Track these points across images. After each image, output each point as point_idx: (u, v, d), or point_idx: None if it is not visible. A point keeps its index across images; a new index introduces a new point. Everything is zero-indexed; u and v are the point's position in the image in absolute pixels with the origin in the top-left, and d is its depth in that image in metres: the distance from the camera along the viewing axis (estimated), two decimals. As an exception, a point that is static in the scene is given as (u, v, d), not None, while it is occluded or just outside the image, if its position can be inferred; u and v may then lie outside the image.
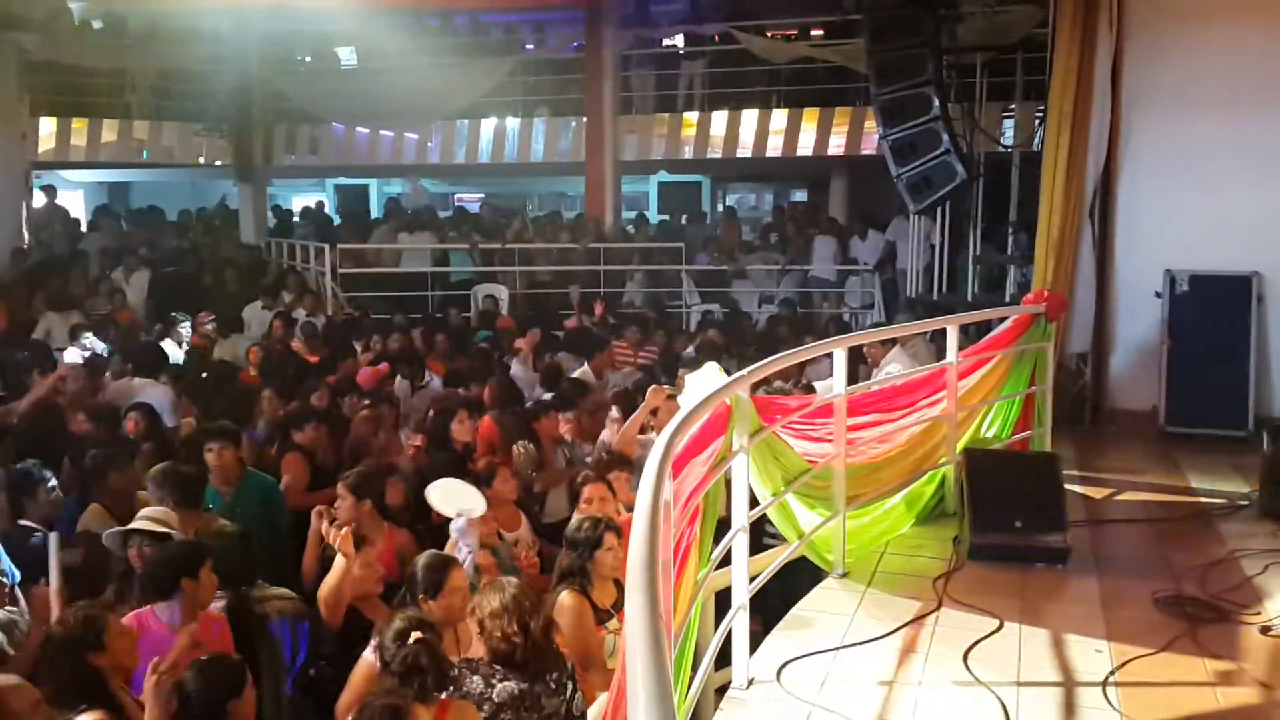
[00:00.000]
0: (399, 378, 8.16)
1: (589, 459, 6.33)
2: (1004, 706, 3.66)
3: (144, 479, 5.22)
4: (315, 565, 4.89)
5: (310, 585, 4.72)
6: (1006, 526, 5.20)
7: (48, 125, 16.61)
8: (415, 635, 3.40)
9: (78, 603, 3.84)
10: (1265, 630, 4.28)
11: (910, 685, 3.87)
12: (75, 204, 19.61)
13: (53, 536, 4.14)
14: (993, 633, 4.29)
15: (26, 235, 15.23)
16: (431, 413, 6.89)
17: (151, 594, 3.99)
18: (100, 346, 9.50)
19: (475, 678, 3.57)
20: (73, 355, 9.11)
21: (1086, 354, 8.59)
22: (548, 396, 7.47)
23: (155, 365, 8.16)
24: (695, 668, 3.50)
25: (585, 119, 16.34)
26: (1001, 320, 6.80)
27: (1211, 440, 7.76)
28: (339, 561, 4.35)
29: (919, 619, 4.45)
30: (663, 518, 2.38)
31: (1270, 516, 5.85)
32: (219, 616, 4.12)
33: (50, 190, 16.19)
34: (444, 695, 3.40)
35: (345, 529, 4.42)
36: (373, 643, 3.68)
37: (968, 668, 3.98)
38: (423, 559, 4.18)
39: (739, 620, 3.78)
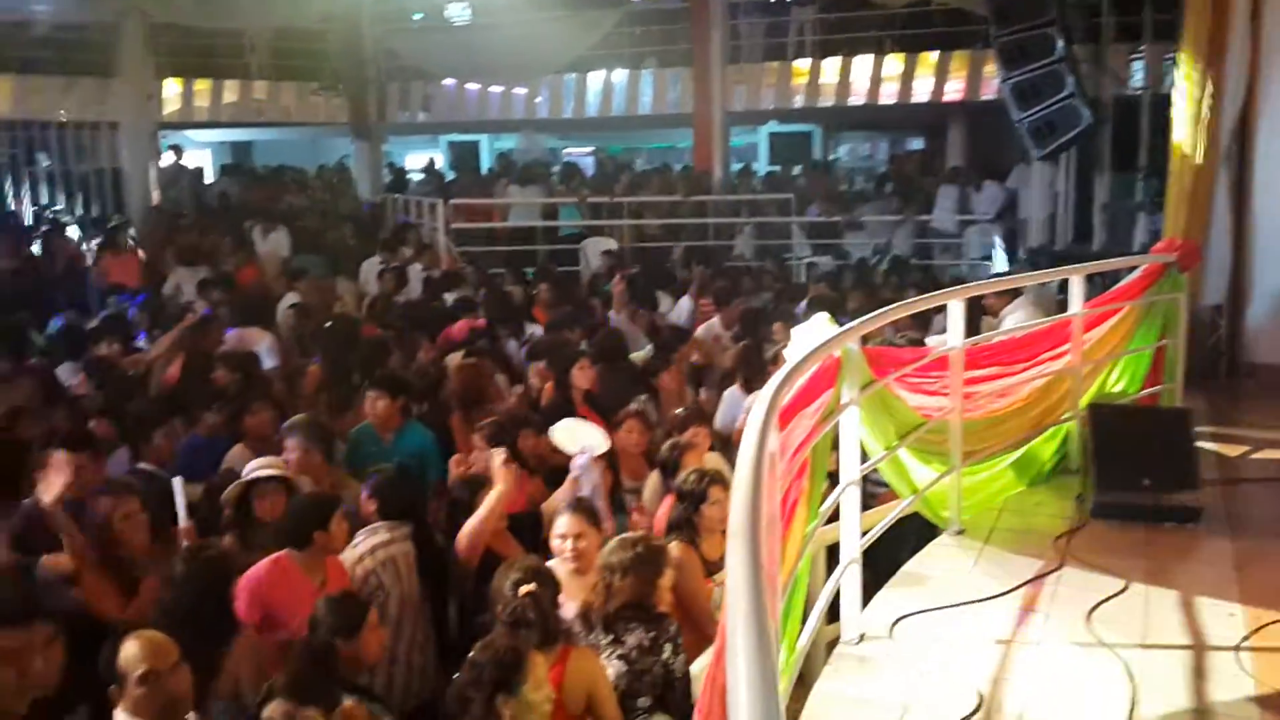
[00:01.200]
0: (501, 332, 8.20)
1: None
2: (1128, 669, 3.51)
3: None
4: (446, 515, 4.98)
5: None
6: (1133, 484, 4.99)
7: (173, 87, 17.17)
8: (526, 588, 3.43)
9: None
10: None
11: (1028, 645, 3.75)
12: (202, 163, 20.36)
13: (177, 481, 4.29)
14: (1117, 593, 4.11)
15: (155, 194, 15.86)
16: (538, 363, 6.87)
17: (286, 543, 4.10)
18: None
19: (596, 632, 3.60)
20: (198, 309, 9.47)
21: (1222, 305, 8.14)
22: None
23: (266, 317, 8.41)
24: (804, 621, 3.45)
25: (693, 70, 16.13)
26: (1130, 270, 6.49)
27: (1359, 396, 7.30)
28: (491, 496, 4.42)
29: (1039, 578, 4.30)
30: (767, 470, 2.32)
31: None
32: (339, 562, 4.21)
33: (177, 150, 16.77)
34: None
35: (500, 449, 4.49)
36: None
37: (1090, 628, 3.84)
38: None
39: (850, 574, 3.71)
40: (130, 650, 3.01)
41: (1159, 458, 5.06)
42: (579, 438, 4.92)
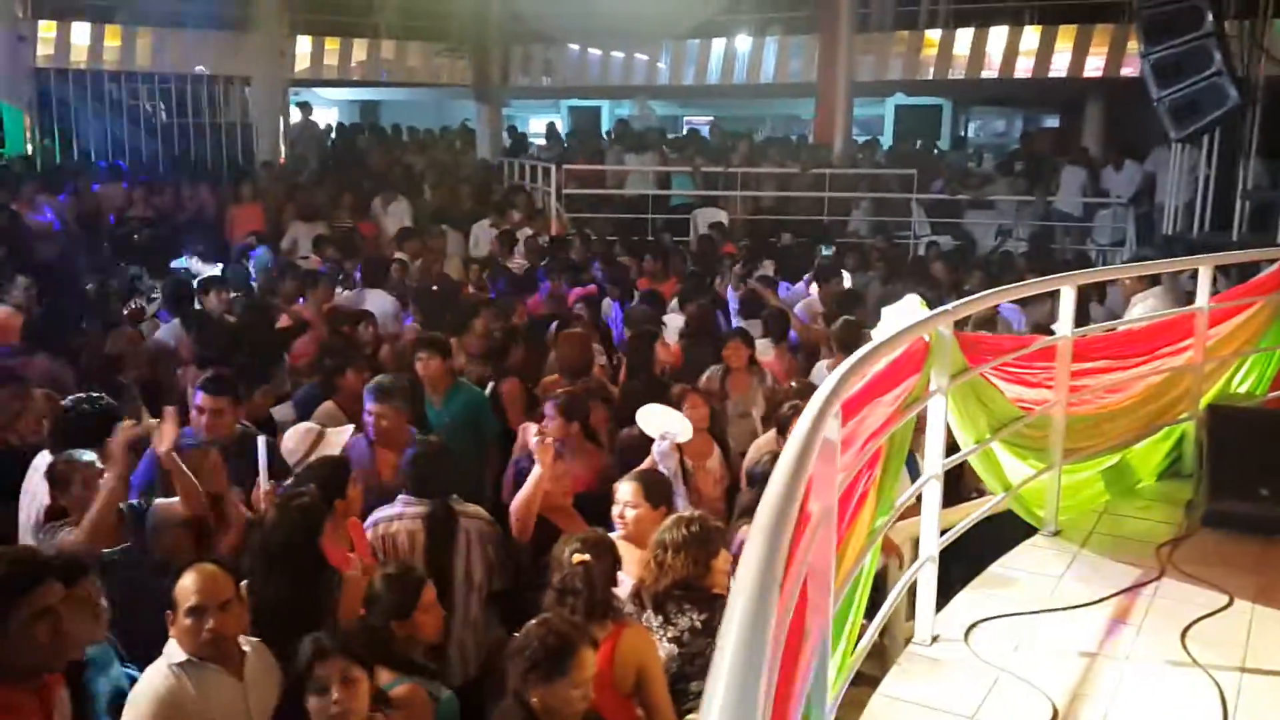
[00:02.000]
0: (607, 299, 8.15)
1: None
2: (1221, 694, 3.25)
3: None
4: (513, 483, 4.96)
5: (507, 501, 4.81)
6: (1250, 493, 4.64)
7: (303, 45, 17.57)
8: (579, 557, 3.36)
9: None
10: None
11: (1115, 659, 3.51)
12: (330, 120, 20.87)
13: (261, 439, 4.34)
14: (1220, 609, 3.83)
15: (283, 148, 16.32)
16: (629, 334, 6.82)
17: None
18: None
19: (647, 612, 3.52)
20: (312, 263, 9.67)
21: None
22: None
23: (380, 278, 8.53)
24: (871, 617, 3.29)
25: (818, 37, 15.71)
26: (1271, 262, 6.03)
27: None
28: (533, 474, 4.38)
29: (1135, 587, 4.03)
30: (822, 459, 2.18)
31: None
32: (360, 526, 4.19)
33: (306, 107, 17.17)
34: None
35: (548, 439, 4.45)
36: None
37: (1185, 646, 3.57)
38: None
39: (926, 572, 3.53)
40: (185, 582, 3.04)
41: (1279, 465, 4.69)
42: (661, 422, 4.86)
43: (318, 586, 3.59)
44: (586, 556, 3.37)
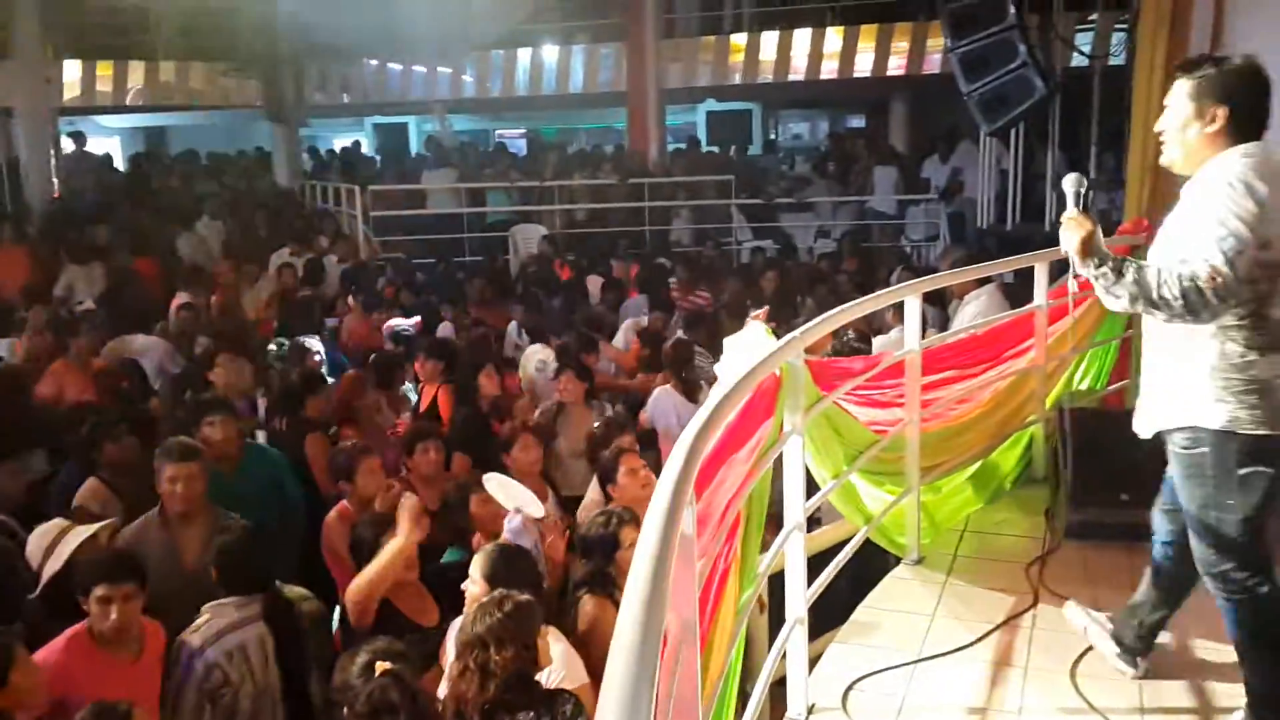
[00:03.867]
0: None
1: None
2: (1127, 745, 2.94)
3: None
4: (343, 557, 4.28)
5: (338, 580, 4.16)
6: (1111, 500, 4.43)
7: (72, 70, 16.09)
8: (383, 666, 2.77)
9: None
10: None
11: (1007, 714, 3.16)
12: (114, 149, 19.22)
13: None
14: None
15: (56, 184, 14.80)
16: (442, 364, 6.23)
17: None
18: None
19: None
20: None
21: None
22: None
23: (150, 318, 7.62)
24: (746, 700, 2.84)
25: (626, 45, 15.41)
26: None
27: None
28: (390, 546, 3.73)
29: (1012, 620, 3.72)
30: (679, 562, 1.69)
31: None
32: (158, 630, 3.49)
33: (79, 137, 15.71)
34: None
35: (408, 493, 3.81)
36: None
37: (1077, 687, 3.26)
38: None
39: (797, 637, 3.09)
40: None
41: (1139, 469, 4.48)
42: (514, 496, 4.26)
43: None
44: (387, 664, 2.78)
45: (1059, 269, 6.27)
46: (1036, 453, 5.17)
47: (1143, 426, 3.00)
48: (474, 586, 3.45)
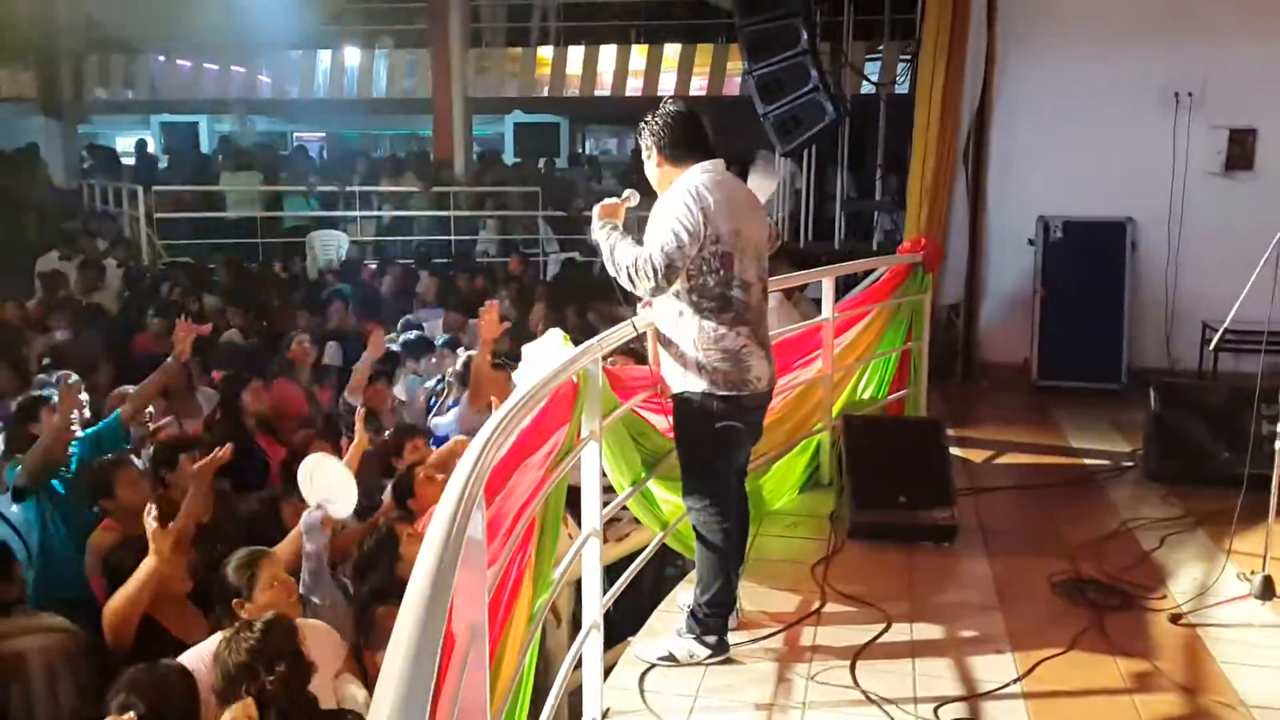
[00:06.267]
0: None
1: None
2: (902, 732, 3.12)
3: None
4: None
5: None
6: (889, 502, 4.70)
7: None
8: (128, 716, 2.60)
9: None
10: (1176, 619, 3.86)
11: (793, 708, 3.29)
12: None
13: None
14: (881, 634, 3.75)
15: None
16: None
17: None
18: None
19: None
20: None
21: (959, 305, 8.21)
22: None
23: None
24: (541, 704, 2.83)
25: (431, 52, 15.21)
26: (869, 272, 6.32)
27: (1085, 394, 7.50)
28: (145, 562, 3.49)
29: (801, 621, 3.87)
30: (465, 567, 1.68)
31: (1157, 479, 5.54)
32: None
33: None
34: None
35: (152, 512, 3.54)
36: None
37: (856, 681, 3.43)
38: (232, 560, 3.41)
39: (593, 643, 3.12)
40: None
41: (913, 473, 4.80)
42: (325, 488, 3.95)
43: None
44: (131, 711, 2.61)
45: (846, 284, 6.65)
46: (823, 459, 5.41)
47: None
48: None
